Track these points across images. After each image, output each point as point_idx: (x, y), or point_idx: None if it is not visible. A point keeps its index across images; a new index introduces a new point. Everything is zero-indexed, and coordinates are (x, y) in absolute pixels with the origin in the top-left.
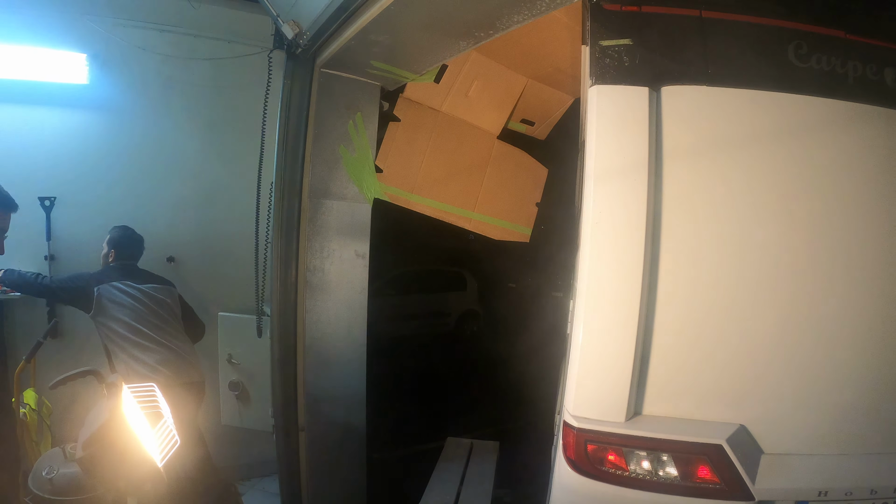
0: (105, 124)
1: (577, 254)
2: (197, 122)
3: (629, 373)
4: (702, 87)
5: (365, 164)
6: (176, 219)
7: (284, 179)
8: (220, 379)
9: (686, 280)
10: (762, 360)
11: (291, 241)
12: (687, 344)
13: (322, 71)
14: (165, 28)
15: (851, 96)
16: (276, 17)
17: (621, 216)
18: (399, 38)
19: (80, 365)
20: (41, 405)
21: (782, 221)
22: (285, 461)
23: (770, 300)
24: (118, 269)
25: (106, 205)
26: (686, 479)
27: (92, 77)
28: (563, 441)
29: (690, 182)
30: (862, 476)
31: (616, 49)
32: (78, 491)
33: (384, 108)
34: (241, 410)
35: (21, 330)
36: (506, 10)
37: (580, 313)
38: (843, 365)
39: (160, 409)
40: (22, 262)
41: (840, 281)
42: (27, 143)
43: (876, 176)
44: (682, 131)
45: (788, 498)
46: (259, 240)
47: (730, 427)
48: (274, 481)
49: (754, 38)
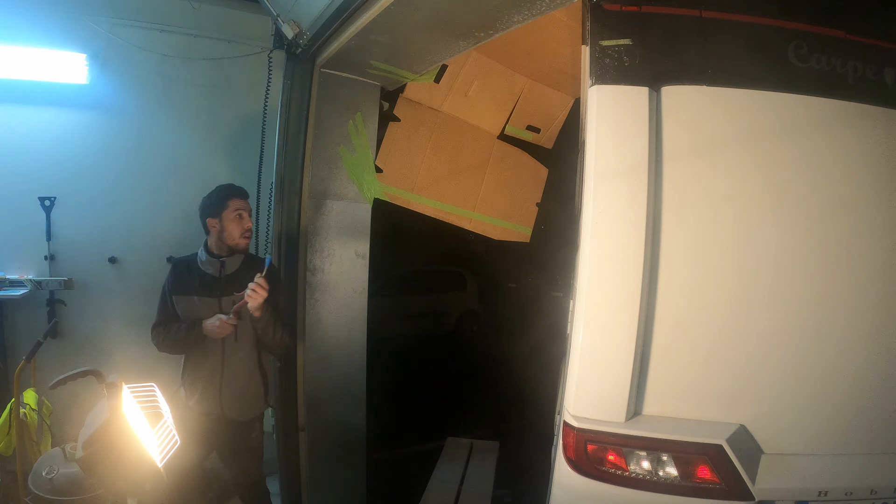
0: (105, 124)
1: (577, 254)
2: (197, 122)
3: (629, 373)
4: (702, 87)
5: (365, 164)
6: (176, 219)
7: (284, 179)
8: None
9: (686, 280)
10: (762, 359)
11: (292, 240)
12: (687, 344)
13: (322, 71)
14: (165, 28)
15: (851, 96)
16: (276, 17)
17: (621, 216)
18: (399, 38)
19: (80, 365)
20: (41, 405)
21: (782, 221)
22: (285, 461)
23: (770, 300)
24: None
25: (106, 205)
26: (686, 479)
27: (92, 77)
28: (563, 441)
29: (690, 182)
30: (862, 476)
31: (616, 49)
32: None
33: (384, 108)
34: None
35: (21, 330)
36: (506, 10)
37: (580, 313)
38: (843, 365)
39: (160, 409)
40: (22, 261)
41: (840, 281)
42: (27, 143)
43: (876, 176)
44: (682, 131)
45: (788, 498)
46: (259, 240)
47: (730, 427)
48: (274, 481)
49: (754, 38)
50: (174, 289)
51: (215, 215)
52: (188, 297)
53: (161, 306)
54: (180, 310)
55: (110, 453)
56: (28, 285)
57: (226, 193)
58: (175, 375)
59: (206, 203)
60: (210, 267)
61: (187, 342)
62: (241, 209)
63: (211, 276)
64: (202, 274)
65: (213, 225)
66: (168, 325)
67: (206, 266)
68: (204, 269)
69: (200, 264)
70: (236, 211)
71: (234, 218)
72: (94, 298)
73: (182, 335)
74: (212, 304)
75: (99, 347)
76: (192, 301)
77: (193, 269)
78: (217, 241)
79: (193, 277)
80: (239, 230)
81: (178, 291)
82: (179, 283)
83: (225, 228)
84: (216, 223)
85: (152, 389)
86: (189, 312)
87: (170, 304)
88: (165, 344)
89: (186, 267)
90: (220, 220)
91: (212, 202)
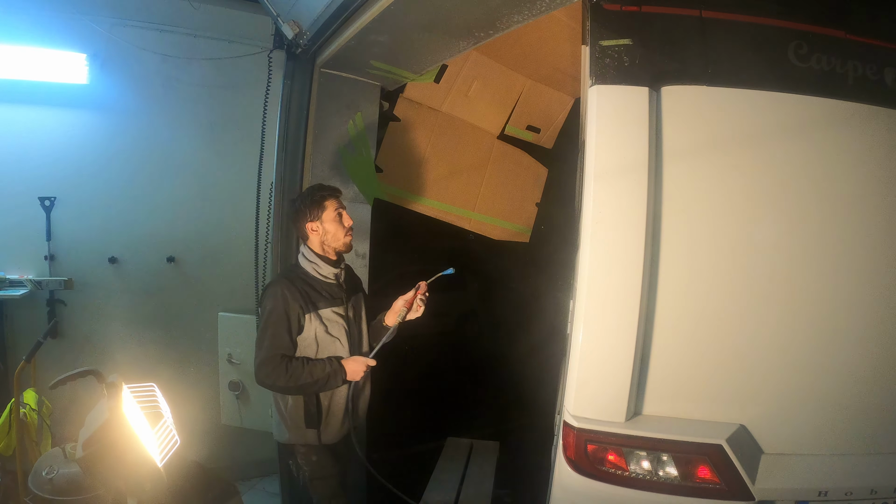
0: (105, 124)
1: (577, 254)
2: (197, 122)
3: (629, 373)
4: (702, 87)
5: (365, 164)
6: (176, 219)
7: (284, 179)
8: (220, 379)
9: (686, 280)
10: (762, 359)
11: (291, 241)
12: (687, 344)
13: (322, 71)
14: (165, 28)
15: (851, 96)
16: (276, 17)
17: (621, 216)
18: (399, 38)
19: (80, 365)
20: (41, 405)
21: (782, 221)
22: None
23: (770, 300)
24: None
25: (106, 205)
26: (686, 479)
27: (92, 77)
28: (564, 441)
29: (690, 182)
30: (862, 476)
31: (616, 49)
32: (78, 491)
33: (384, 108)
34: (241, 410)
35: (21, 330)
36: (506, 10)
37: (580, 313)
38: (844, 365)
39: (160, 409)
40: (22, 261)
41: (840, 281)
42: (27, 143)
43: (876, 176)
44: (682, 131)
45: (788, 498)
46: (259, 240)
47: (730, 427)
48: (274, 481)
49: (754, 38)
50: (304, 307)
51: (315, 218)
52: (321, 313)
53: (274, 333)
54: (312, 330)
55: (110, 453)
56: (28, 285)
57: (321, 195)
58: (175, 376)
59: (301, 207)
60: (332, 275)
61: (325, 388)
62: (340, 208)
63: (334, 284)
64: (326, 284)
65: (315, 229)
66: (295, 363)
67: (327, 274)
68: (326, 279)
69: (319, 274)
70: (336, 211)
71: (335, 218)
72: (94, 298)
73: (322, 384)
74: (342, 317)
75: (99, 347)
76: (327, 316)
77: (313, 281)
78: (322, 246)
79: (318, 290)
80: (342, 230)
81: (310, 309)
82: (306, 300)
83: (328, 231)
84: (318, 226)
85: (152, 389)
86: (323, 331)
87: (292, 330)
88: (297, 385)
89: (303, 282)
90: (321, 222)
91: (308, 206)
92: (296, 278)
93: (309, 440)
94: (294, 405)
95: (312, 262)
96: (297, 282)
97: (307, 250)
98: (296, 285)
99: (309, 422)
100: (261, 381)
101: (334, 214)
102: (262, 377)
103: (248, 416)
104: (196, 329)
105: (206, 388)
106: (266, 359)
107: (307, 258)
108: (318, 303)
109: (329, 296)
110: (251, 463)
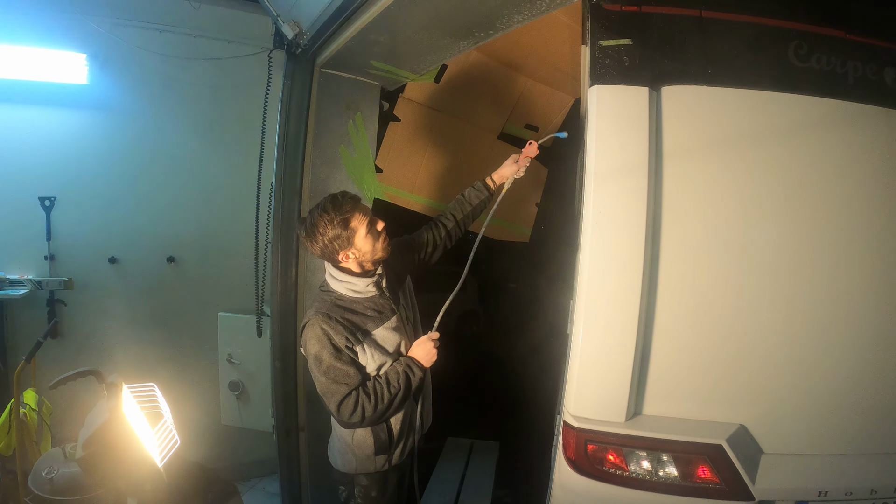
0: (105, 124)
1: (577, 254)
2: (197, 122)
3: (629, 373)
4: (702, 87)
5: (365, 164)
6: (176, 219)
7: (284, 179)
8: (220, 379)
9: (686, 280)
10: (762, 359)
11: (291, 241)
12: (687, 343)
13: (322, 71)
14: (165, 28)
15: (851, 96)
16: (276, 17)
17: (621, 216)
18: (399, 38)
19: (80, 365)
20: (41, 405)
21: (783, 221)
22: (285, 461)
23: (770, 300)
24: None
25: (106, 205)
26: (686, 480)
27: (92, 77)
28: (563, 441)
29: (690, 182)
30: (862, 476)
31: (616, 49)
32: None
33: (384, 108)
34: (241, 410)
35: (21, 330)
36: (506, 10)
37: (580, 313)
38: (844, 365)
39: (160, 409)
40: (22, 261)
41: (841, 281)
42: (27, 143)
43: (876, 176)
44: (682, 131)
45: (788, 498)
46: (259, 240)
47: (730, 427)
48: (274, 481)
49: (754, 38)
50: (351, 340)
51: (346, 246)
52: (374, 337)
53: (335, 374)
54: (368, 359)
55: (110, 453)
56: (28, 285)
57: (344, 218)
58: (175, 376)
59: (328, 244)
60: (371, 285)
61: (412, 387)
62: (366, 216)
63: (377, 295)
64: (368, 300)
65: (349, 255)
66: (368, 385)
67: (366, 290)
68: (366, 294)
69: (356, 293)
70: (366, 226)
71: (368, 233)
72: (94, 298)
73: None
74: (398, 329)
75: (99, 347)
76: (382, 337)
77: (351, 304)
78: (359, 265)
79: (361, 312)
80: (379, 239)
81: (359, 340)
82: (351, 331)
83: (364, 252)
84: (352, 251)
85: (152, 389)
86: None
87: (353, 361)
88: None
89: (341, 309)
90: (354, 248)
91: (335, 239)
92: (332, 308)
93: (379, 466)
94: (363, 437)
95: (344, 282)
96: (334, 312)
97: (336, 271)
98: (333, 317)
99: (379, 449)
100: (352, 425)
101: (364, 230)
102: (348, 419)
103: (248, 416)
104: (196, 329)
105: (206, 388)
106: (342, 401)
107: (337, 279)
108: (365, 326)
109: (376, 312)
110: (251, 463)
